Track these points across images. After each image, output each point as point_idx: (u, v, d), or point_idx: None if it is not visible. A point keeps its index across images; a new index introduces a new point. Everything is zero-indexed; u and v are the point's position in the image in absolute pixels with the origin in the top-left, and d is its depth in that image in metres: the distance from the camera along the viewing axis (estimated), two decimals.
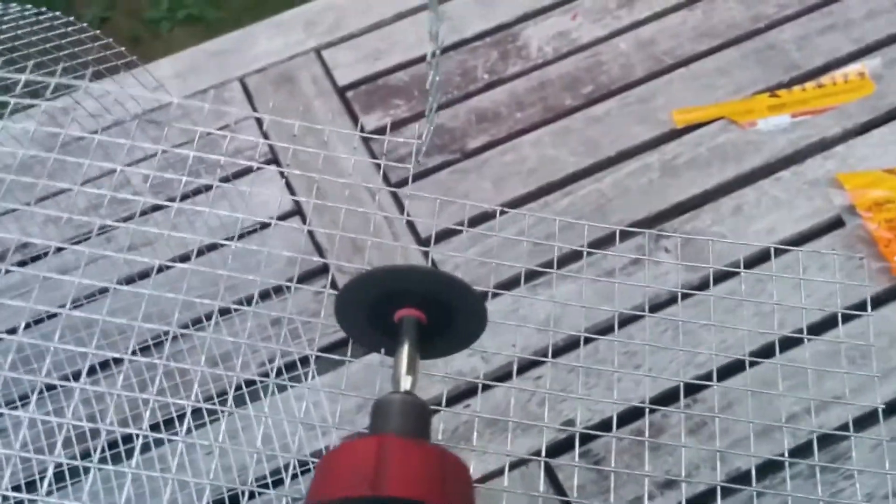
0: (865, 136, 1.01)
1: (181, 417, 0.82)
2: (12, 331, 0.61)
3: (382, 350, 0.53)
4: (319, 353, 0.59)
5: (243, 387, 0.84)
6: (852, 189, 0.96)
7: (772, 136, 1.01)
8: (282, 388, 0.83)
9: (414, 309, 0.47)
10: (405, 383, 0.44)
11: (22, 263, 0.92)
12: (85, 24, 0.80)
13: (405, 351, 0.45)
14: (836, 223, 0.95)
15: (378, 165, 1.00)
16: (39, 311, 0.78)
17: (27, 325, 0.88)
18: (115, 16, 1.83)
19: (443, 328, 0.48)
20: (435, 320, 0.47)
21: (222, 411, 0.78)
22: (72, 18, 0.80)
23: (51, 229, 0.96)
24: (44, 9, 0.80)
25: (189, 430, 0.81)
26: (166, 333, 0.84)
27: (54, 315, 0.87)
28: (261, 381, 0.82)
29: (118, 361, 0.86)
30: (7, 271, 0.55)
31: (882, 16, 1.09)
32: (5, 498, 0.55)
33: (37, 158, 0.62)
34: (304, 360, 0.86)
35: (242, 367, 0.84)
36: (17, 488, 0.81)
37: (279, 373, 0.85)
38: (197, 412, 0.80)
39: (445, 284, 0.46)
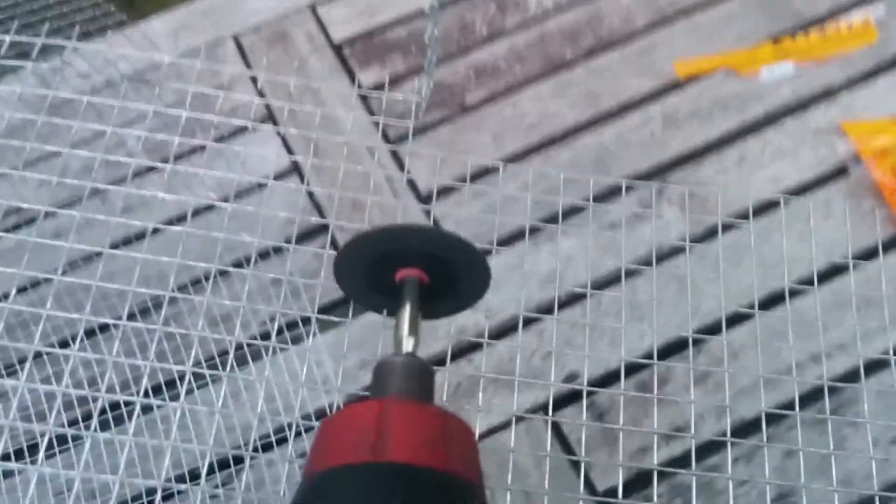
0: (870, 83, 0.99)
1: (182, 379, 0.81)
2: (5, 296, 0.61)
3: (384, 312, 0.52)
4: (319, 316, 0.58)
5: (245, 347, 0.83)
6: (857, 137, 0.95)
7: (776, 86, 0.99)
8: (284, 348, 0.83)
9: (415, 269, 0.45)
10: (407, 345, 0.42)
11: (16, 227, 0.91)
12: None
13: (407, 312, 0.44)
14: (840, 171, 0.94)
15: (377, 122, 0.99)
16: (34, 276, 0.77)
17: (23, 289, 0.87)
18: None
19: (445, 288, 0.47)
20: (437, 280, 0.46)
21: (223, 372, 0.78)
22: None
23: (43, 193, 0.95)
24: None
25: (191, 391, 0.80)
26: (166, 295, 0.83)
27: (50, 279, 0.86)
28: (262, 342, 0.82)
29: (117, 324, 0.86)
30: None
31: None
32: None
33: (27, 121, 0.60)
34: (306, 320, 0.85)
35: (243, 327, 0.84)
36: (18, 452, 0.80)
37: (280, 332, 0.85)
38: (198, 374, 0.79)
39: (447, 243, 0.45)
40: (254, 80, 1.04)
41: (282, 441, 0.79)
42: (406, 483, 0.33)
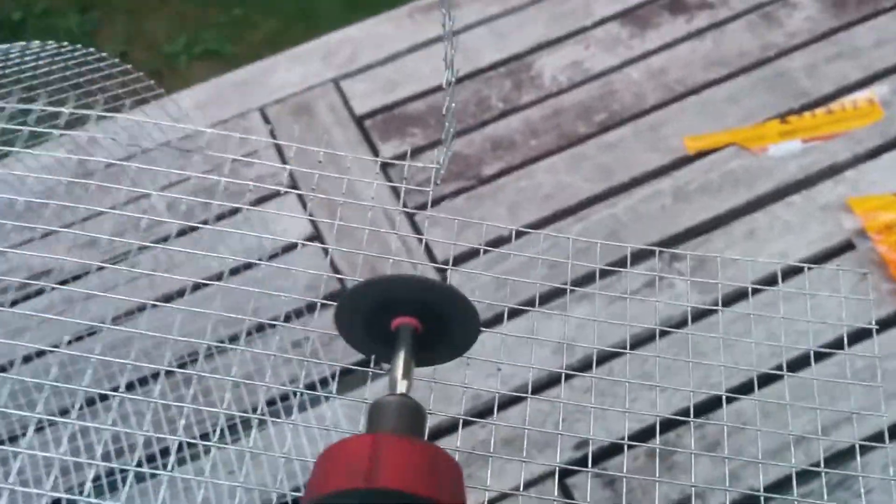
0: (875, 160, 1.02)
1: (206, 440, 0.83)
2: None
3: (383, 360, 0.54)
4: (346, 366, 0.60)
5: (263, 406, 0.85)
6: (863, 213, 0.97)
7: (783, 162, 1.02)
8: (302, 408, 0.85)
9: (409, 317, 0.49)
10: (401, 387, 0.46)
11: (40, 292, 0.94)
12: (116, 60, 0.83)
13: (401, 356, 0.47)
14: (847, 247, 0.96)
15: (397, 192, 1.03)
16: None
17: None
18: (134, 51, 1.86)
19: (438, 336, 0.50)
20: (430, 328, 0.49)
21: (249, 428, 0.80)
22: (103, 54, 0.83)
23: (75, 255, 0.99)
24: (65, 43, 0.83)
25: (180, 462, 0.82)
26: (191, 355, 0.86)
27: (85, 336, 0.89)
28: (282, 401, 0.84)
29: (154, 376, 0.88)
30: (39, 292, 0.57)
31: (890, 44, 1.11)
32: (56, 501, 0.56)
33: (65, 186, 0.64)
34: (324, 381, 0.88)
35: (262, 388, 0.86)
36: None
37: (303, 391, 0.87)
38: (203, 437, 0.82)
39: (439, 294, 0.48)
40: (278, 148, 1.08)
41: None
42: None
